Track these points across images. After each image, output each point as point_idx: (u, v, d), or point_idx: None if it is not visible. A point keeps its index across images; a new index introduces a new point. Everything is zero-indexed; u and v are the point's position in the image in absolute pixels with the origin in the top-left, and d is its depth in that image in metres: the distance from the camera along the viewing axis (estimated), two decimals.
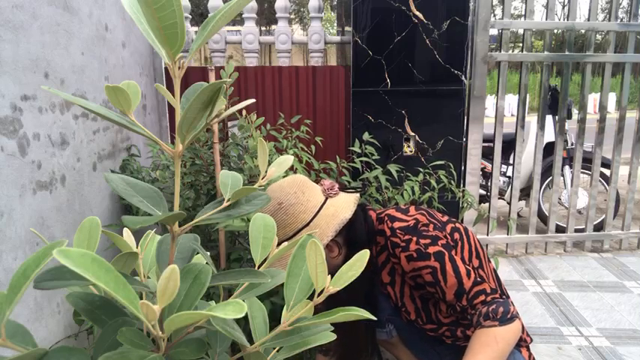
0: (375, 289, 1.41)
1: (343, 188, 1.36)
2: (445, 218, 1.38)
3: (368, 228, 1.32)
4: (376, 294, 1.42)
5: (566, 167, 3.34)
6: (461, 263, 1.22)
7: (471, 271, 1.23)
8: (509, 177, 3.55)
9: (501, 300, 1.19)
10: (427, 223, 1.28)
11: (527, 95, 2.88)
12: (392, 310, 1.43)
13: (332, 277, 0.59)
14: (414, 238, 1.23)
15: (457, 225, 1.37)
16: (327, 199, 1.28)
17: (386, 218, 1.31)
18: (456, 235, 1.34)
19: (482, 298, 1.19)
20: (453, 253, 1.25)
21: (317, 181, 1.39)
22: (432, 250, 1.22)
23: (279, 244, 0.72)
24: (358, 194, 1.33)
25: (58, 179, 1.33)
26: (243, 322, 1.36)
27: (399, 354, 1.58)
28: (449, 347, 1.39)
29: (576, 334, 2.05)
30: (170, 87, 2.48)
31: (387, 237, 1.28)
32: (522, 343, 1.33)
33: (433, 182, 1.97)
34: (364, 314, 0.57)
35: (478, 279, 1.22)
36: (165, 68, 2.48)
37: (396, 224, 1.27)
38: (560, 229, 3.14)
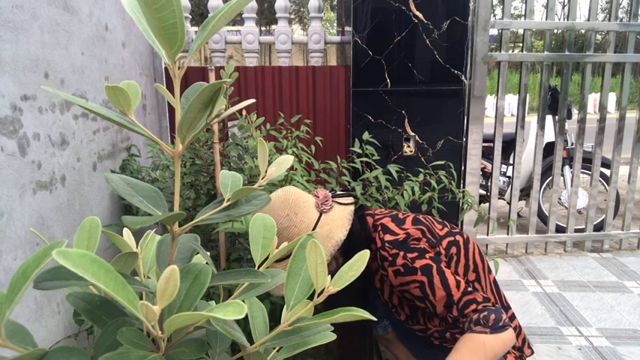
0: (369, 288, 1.40)
1: (336, 196, 1.31)
2: (444, 231, 1.34)
3: (365, 235, 1.29)
4: (369, 291, 1.41)
5: (566, 167, 3.35)
6: (450, 275, 1.20)
7: (461, 281, 1.20)
8: (509, 177, 3.55)
9: (493, 308, 1.16)
10: (419, 237, 1.25)
11: (527, 95, 2.88)
12: (386, 307, 1.43)
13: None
14: (402, 253, 1.21)
15: (457, 238, 1.34)
16: (321, 214, 1.24)
17: (379, 228, 1.28)
18: (453, 250, 1.31)
19: (473, 307, 1.17)
20: (443, 265, 1.22)
21: (316, 182, 1.37)
22: (418, 264, 1.20)
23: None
24: (352, 206, 1.28)
25: (58, 179, 1.33)
26: (243, 322, 1.37)
27: (397, 352, 1.58)
28: (443, 349, 1.39)
29: (576, 334, 2.05)
30: (170, 87, 2.48)
31: (377, 248, 1.25)
32: (513, 351, 1.30)
33: (433, 182, 1.97)
34: (365, 315, 0.57)
35: (469, 289, 1.19)
36: (166, 68, 2.48)
37: (387, 237, 1.25)
38: (560, 229, 3.14)
